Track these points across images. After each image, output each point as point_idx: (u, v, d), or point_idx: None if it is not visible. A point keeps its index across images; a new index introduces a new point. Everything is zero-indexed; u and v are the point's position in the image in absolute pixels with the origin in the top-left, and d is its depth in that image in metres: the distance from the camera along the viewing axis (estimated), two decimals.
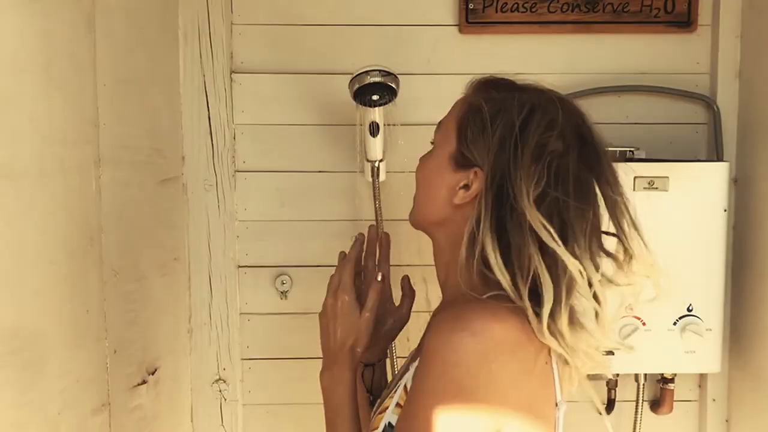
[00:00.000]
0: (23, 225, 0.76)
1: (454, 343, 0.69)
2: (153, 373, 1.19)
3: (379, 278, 0.89)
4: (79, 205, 0.91)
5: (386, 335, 0.95)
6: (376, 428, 0.80)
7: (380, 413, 0.81)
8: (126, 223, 1.08)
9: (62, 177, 0.86)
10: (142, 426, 1.15)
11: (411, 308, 0.97)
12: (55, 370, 0.84)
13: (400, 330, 0.97)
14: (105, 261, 0.99)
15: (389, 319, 0.95)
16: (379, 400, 0.90)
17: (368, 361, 0.94)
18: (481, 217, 0.76)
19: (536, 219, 0.72)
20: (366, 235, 0.96)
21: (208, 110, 1.40)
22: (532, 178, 0.74)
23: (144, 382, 1.15)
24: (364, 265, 0.95)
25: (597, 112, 1.42)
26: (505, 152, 0.76)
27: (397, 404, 0.78)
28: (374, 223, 1.00)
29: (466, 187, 0.79)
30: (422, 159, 0.87)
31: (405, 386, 0.79)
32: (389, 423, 0.78)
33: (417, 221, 0.87)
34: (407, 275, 0.98)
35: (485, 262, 0.75)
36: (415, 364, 0.77)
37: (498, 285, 0.74)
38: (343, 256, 0.92)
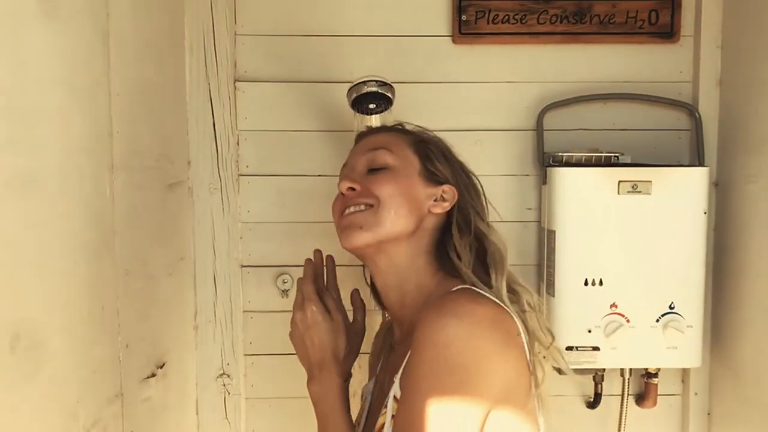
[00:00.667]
0: (48, 227, 0.83)
1: (442, 327, 0.77)
2: (161, 367, 1.25)
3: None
4: (96, 209, 0.97)
5: (350, 351, 0.99)
6: None
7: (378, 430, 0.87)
8: (136, 225, 1.14)
9: (80, 183, 0.92)
10: (152, 416, 1.21)
11: (365, 320, 1.05)
12: (73, 361, 0.90)
13: (361, 343, 1.04)
14: (118, 261, 1.05)
15: (349, 334, 1.00)
16: (362, 421, 0.97)
17: (342, 372, 0.98)
18: (455, 222, 0.94)
19: (482, 221, 0.99)
20: (313, 259, 1.04)
21: (213, 117, 1.45)
22: (476, 196, 1.01)
23: (153, 375, 1.21)
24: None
25: (584, 118, 1.51)
26: (463, 175, 1.00)
27: (393, 416, 0.83)
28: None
29: (441, 198, 0.96)
30: (384, 178, 0.94)
31: (395, 397, 0.84)
32: None
33: (381, 235, 0.92)
34: (357, 289, 1.07)
35: (450, 260, 0.92)
36: (398, 375, 0.84)
37: (459, 280, 0.88)
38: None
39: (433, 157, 0.99)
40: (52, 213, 0.84)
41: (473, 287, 0.87)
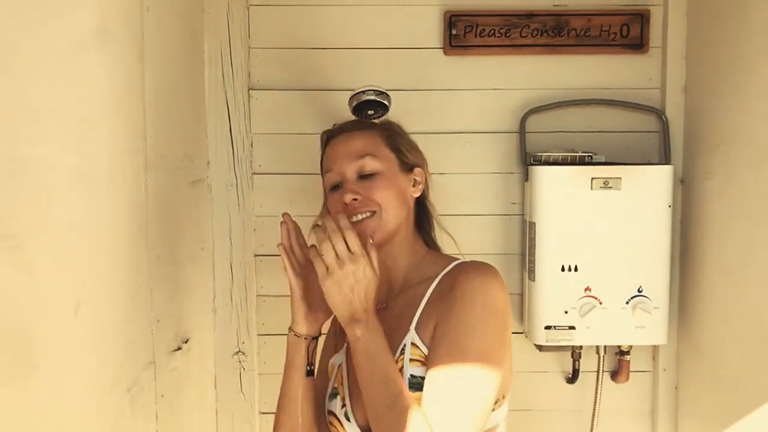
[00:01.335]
0: (99, 217, 0.99)
1: (486, 284, 0.99)
2: (186, 342, 1.41)
3: (371, 240, 1.05)
4: (134, 203, 1.14)
5: (327, 309, 1.10)
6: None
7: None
8: (165, 217, 1.30)
9: (123, 180, 1.09)
10: (178, 385, 1.37)
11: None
12: (118, 329, 1.07)
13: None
14: (151, 248, 1.21)
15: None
16: (345, 382, 1.12)
17: (313, 334, 1.14)
18: (427, 198, 1.18)
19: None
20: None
21: (230, 122, 1.61)
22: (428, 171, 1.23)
23: (179, 348, 1.37)
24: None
25: (563, 122, 1.66)
26: (421, 154, 1.20)
27: (411, 359, 1.00)
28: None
29: (416, 182, 1.16)
30: (379, 185, 1.10)
31: (413, 343, 1.01)
32: (411, 375, 0.99)
33: (388, 233, 1.10)
34: (371, 242, 1.15)
35: (423, 230, 1.17)
36: (413, 325, 1.02)
37: (433, 245, 1.19)
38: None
39: (403, 147, 1.17)
40: (102, 205, 1.01)
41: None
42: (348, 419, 1.08)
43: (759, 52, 1.29)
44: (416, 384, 0.99)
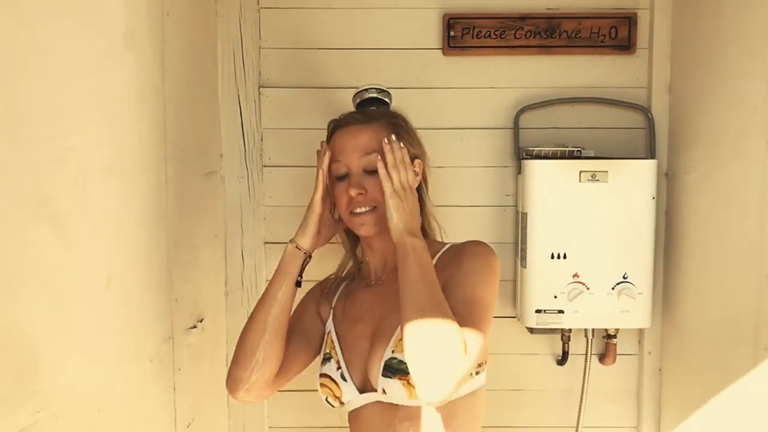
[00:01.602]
0: (125, 203, 1.11)
1: (488, 252, 1.19)
2: (201, 321, 1.53)
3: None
4: (155, 191, 1.25)
5: (327, 236, 1.32)
6: (400, 350, 1.12)
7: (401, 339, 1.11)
8: (182, 205, 1.41)
9: (146, 171, 1.20)
10: (193, 361, 1.48)
11: None
12: (142, 305, 1.18)
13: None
14: (170, 233, 1.32)
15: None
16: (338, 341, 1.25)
17: (311, 251, 1.27)
18: (425, 189, 1.30)
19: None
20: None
21: (241, 117, 1.71)
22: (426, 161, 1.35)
23: (194, 326, 1.49)
24: None
25: (554, 118, 1.76)
26: (421, 145, 1.31)
27: None
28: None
29: (415, 173, 1.24)
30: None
31: None
32: None
33: (385, 224, 1.20)
34: None
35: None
36: None
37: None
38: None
39: (406, 140, 1.27)
40: (129, 192, 1.12)
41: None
42: (344, 379, 1.19)
43: (733, 55, 1.38)
44: None
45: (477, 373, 1.20)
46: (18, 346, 0.80)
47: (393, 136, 1.23)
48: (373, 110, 1.34)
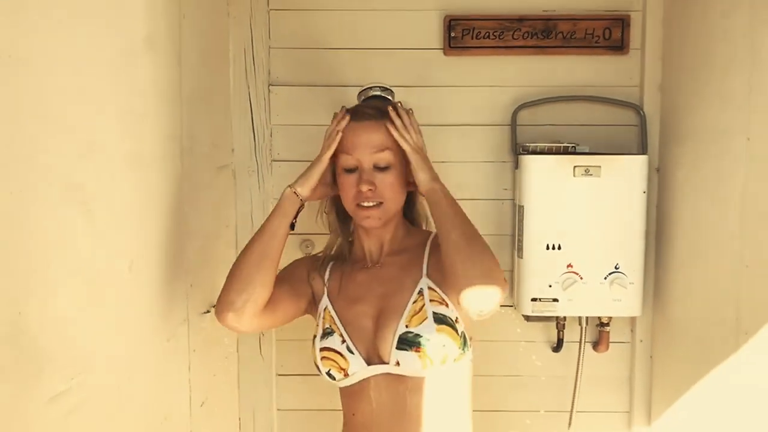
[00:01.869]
0: (147, 191, 1.20)
1: None
2: (213, 307, 1.61)
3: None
4: (174, 183, 1.33)
5: (322, 194, 1.42)
6: (414, 324, 1.24)
7: (415, 314, 1.25)
8: (197, 197, 1.50)
9: (164, 162, 1.29)
10: (206, 344, 1.57)
11: None
12: (160, 288, 1.27)
13: None
14: (186, 221, 1.41)
15: None
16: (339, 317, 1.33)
17: (306, 200, 1.36)
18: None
19: None
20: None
21: (252, 114, 1.79)
22: None
23: (208, 311, 1.57)
24: None
25: (550, 116, 1.84)
26: (422, 137, 1.40)
27: (431, 300, 1.26)
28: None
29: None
30: (389, 180, 1.33)
31: (429, 287, 1.28)
32: (434, 312, 1.25)
33: (387, 219, 1.36)
34: None
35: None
36: (424, 272, 1.30)
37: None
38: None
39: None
40: (148, 184, 1.21)
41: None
42: (351, 352, 1.27)
43: (718, 56, 1.45)
44: (440, 319, 1.25)
45: (468, 348, 1.30)
46: (55, 319, 0.89)
47: (400, 103, 1.35)
48: (384, 105, 1.39)
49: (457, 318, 1.27)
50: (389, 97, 1.57)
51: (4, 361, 0.78)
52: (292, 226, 1.36)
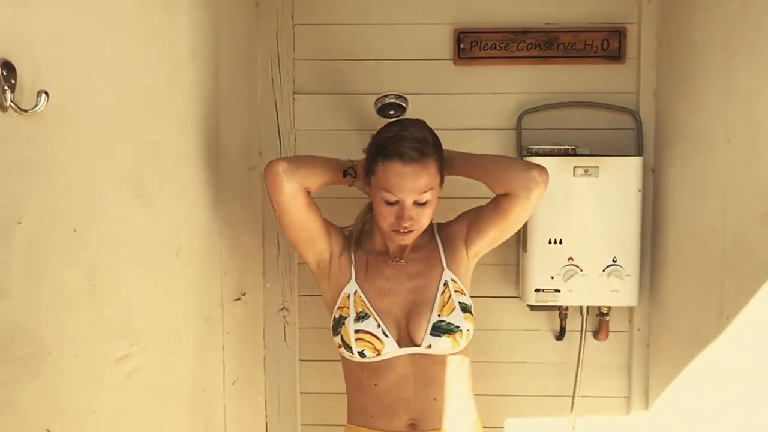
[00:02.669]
0: (192, 187, 1.36)
1: None
2: (244, 295, 1.78)
3: None
4: (212, 181, 1.49)
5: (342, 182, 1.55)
6: (446, 314, 1.43)
7: (444, 305, 1.45)
8: (230, 194, 1.66)
9: (204, 163, 1.45)
10: (237, 328, 1.73)
11: None
12: (200, 274, 1.43)
13: None
14: (221, 216, 1.57)
15: None
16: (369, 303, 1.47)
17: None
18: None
19: None
20: None
21: (278, 119, 1.95)
22: None
23: (239, 298, 1.73)
24: None
25: (553, 121, 1.98)
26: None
27: (455, 291, 1.46)
28: None
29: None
30: (427, 214, 1.45)
31: (452, 279, 1.48)
32: (459, 302, 1.45)
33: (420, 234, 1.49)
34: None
35: None
36: (444, 265, 1.50)
37: None
38: None
39: (443, 169, 1.47)
40: (193, 179, 1.37)
41: None
42: (386, 335, 1.43)
43: (703, 65, 1.59)
44: (464, 307, 1.46)
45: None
46: (119, 295, 1.05)
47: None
48: (422, 141, 1.42)
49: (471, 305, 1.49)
50: (404, 104, 1.72)
51: (84, 325, 0.94)
52: (345, 173, 1.52)
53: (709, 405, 1.54)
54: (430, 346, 1.43)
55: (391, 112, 1.74)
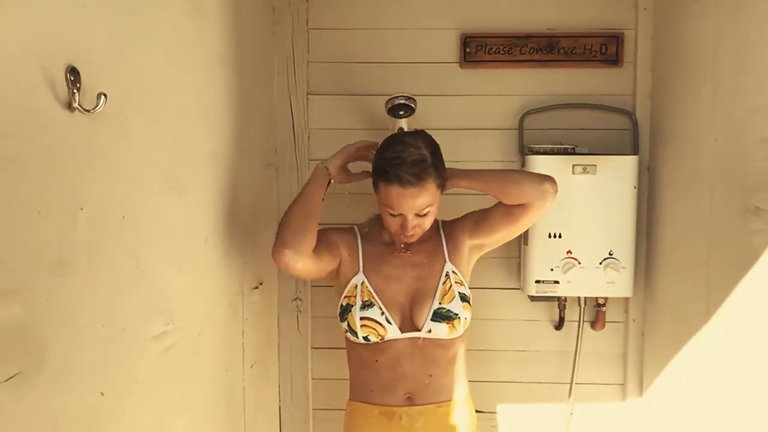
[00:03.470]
0: (219, 182, 1.47)
1: None
2: (261, 284, 1.89)
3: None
4: (235, 176, 1.60)
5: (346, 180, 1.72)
6: (446, 302, 1.56)
7: (445, 293, 1.57)
8: (249, 189, 1.77)
9: (229, 159, 1.56)
10: (255, 315, 1.84)
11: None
12: (223, 261, 1.54)
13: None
14: (242, 209, 1.68)
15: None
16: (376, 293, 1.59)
17: (331, 180, 1.66)
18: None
19: None
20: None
21: (293, 119, 2.06)
22: None
23: (257, 287, 1.84)
24: None
25: (554, 121, 2.08)
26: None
27: (455, 282, 1.58)
28: None
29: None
30: (428, 221, 1.58)
31: (453, 271, 1.60)
32: (459, 292, 1.58)
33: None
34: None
35: None
36: (447, 258, 1.62)
37: None
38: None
39: (444, 180, 1.58)
40: (219, 173, 1.48)
41: None
42: (389, 322, 1.54)
43: (693, 69, 1.70)
44: (463, 297, 1.60)
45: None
46: (158, 278, 1.16)
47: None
48: (421, 162, 1.50)
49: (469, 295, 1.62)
50: (412, 105, 1.83)
51: (129, 303, 1.05)
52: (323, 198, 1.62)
53: (700, 391, 1.63)
54: (430, 331, 1.56)
55: (401, 113, 1.84)
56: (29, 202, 0.77)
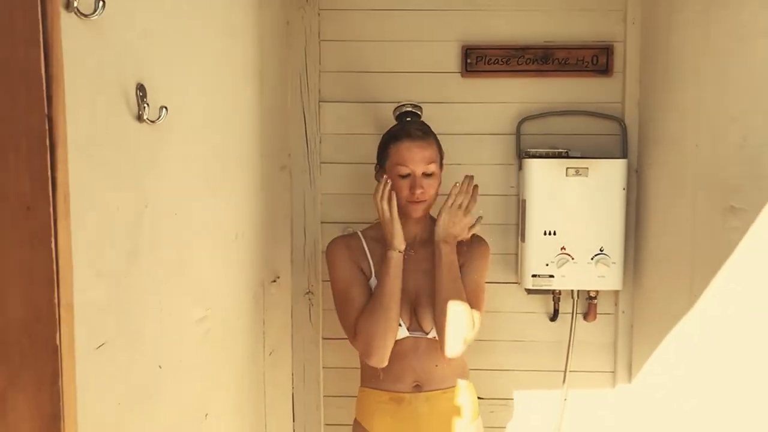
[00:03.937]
0: (246, 183, 1.61)
1: (488, 251, 1.82)
2: (278, 278, 2.03)
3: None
4: (258, 178, 1.74)
5: None
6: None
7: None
8: (268, 191, 1.91)
9: (253, 162, 1.70)
10: (273, 307, 1.97)
11: None
12: (249, 256, 1.68)
13: None
14: (263, 208, 1.82)
15: None
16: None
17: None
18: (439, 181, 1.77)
19: None
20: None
21: (305, 125, 2.20)
22: None
23: (274, 281, 1.99)
24: None
25: (549, 127, 2.23)
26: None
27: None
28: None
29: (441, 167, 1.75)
30: (433, 185, 1.74)
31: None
32: None
33: (429, 208, 1.77)
34: None
35: None
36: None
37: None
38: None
39: (442, 155, 1.77)
40: (245, 176, 1.63)
41: None
42: (399, 324, 1.69)
43: (677, 79, 1.85)
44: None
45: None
46: (198, 269, 1.30)
47: (473, 176, 1.78)
48: (423, 126, 1.79)
49: None
50: (418, 112, 1.97)
51: (176, 290, 1.19)
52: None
53: (685, 377, 1.77)
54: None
55: (408, 119, 1.98)
56: (112, 199, 0.91)
